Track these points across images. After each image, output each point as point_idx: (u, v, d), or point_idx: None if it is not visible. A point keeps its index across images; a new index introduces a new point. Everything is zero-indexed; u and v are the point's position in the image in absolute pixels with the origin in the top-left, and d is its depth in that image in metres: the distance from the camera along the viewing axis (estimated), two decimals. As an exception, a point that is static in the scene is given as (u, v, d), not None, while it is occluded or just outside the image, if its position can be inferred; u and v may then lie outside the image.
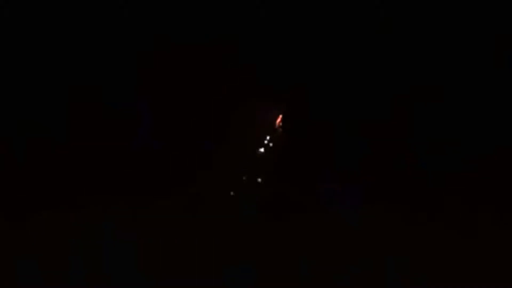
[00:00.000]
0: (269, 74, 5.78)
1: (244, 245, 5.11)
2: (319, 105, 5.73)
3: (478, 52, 5.46)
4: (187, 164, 5.82)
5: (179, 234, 5.29)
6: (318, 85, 5.72)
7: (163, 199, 5.60)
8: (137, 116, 5.77)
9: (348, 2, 5.56)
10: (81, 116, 5.66)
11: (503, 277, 4.68)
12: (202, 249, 5.04)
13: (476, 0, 5.38)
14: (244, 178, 5.96)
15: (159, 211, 5.54)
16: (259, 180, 6.03)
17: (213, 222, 5.42)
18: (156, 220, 5.44)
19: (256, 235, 5.27)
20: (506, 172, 5.34)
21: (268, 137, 6.02)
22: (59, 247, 4.98)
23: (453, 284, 4.68)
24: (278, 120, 5.96)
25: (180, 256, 4.96)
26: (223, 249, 5.05)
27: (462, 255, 4.90)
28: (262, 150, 5.97)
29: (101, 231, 5.18)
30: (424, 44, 5.52)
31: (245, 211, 5.76)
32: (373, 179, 5.51)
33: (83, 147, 5.62)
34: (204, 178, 5.78)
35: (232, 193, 5.82)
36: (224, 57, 5.74)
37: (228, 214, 5.63)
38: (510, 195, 5.26)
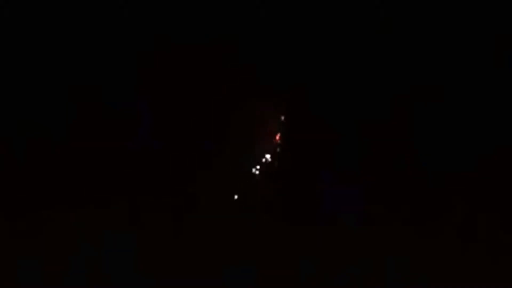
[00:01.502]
0: (269, 74, 5.78)
1: (244, 245, 5.11)
2: (319, 105, 5.73)
3: (478, 52, 5.47)
4: (187, 164, 5.82)
5: (179, 233, 5.30)
6: (318, 85, 5.72)
7: (163, 199, 5.61)
8: (137, 116, 5.77)
9: (348, 2, 5.57)
10: (82, 116, 5.67)
11: (503, 277, 4.68)
12: (202, 249, 5.04)
13: (476, 0, 5.39)
14: (244, 178, 5.97)
15: (159, 211, 5.55)
16: (259, 179, 6.04)
17: (213, 222, 5.43)
18: (156, 220, 5.45)
19: (256, 235, 5.27)
20: (506, 172, 5.34)
21: (268, 138, 6.04)
22: (59, 247, 4.98)
23: (453, 284, 4.69)
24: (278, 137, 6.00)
25: (180, 256, 4.96)
26: (223, 249, 5.06)
27: (462, 254, 4.91)
28: (268, 156, 6.01)
29: (101, 231, 5.18)
30: (424, 44, 5.52)
31: (245, 211, 5.77)
32: (373, 179, 5.51)
33: (83, 147, 5.62)
34: (204, 178, 5.79)
35: (232, 194, 5.83)
36: (224, 57, 5.75)
37: (228, 214, 5.64)
38: (510, 195, 5.27)
